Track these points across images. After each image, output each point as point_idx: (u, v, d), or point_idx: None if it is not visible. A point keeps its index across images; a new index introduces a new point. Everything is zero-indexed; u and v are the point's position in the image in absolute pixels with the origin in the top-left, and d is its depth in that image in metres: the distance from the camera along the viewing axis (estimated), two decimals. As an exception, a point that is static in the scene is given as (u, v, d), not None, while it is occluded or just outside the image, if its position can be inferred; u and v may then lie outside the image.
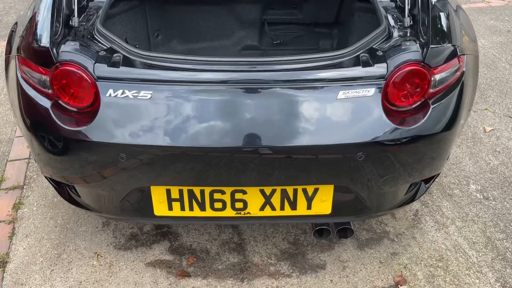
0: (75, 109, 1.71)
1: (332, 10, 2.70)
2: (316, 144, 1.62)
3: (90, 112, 1.68)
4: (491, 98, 3.53)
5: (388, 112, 1.68)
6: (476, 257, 2.28)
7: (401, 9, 1.97)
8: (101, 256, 2.29)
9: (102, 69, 1.65)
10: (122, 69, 1.65)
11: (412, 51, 1.68)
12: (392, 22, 1.92)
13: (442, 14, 1.86)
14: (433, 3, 1.86)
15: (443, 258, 2.28)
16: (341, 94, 1.63)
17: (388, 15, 1.96)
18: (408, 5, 1.86)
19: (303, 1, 2.70)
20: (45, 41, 1.68)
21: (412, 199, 2.05)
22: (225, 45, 2.81)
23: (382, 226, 2.45)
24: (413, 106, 1.72)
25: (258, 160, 1.65)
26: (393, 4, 2.04)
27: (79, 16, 1.90)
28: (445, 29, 1.81)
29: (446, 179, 2.76)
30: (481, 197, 2.64)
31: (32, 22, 1.85)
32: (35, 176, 2.79)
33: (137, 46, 2.40)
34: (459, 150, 3.00)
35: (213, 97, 1.64)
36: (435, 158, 1.84)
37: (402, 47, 1.69)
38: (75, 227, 2.45)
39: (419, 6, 1.82)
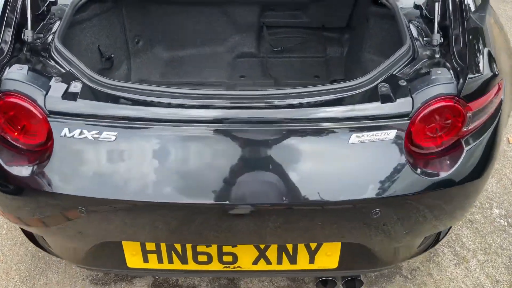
0: (25, 147, 1.39)
1: (344, 13, 2.31)
2: (321, 200, 1.30)
3: (43, 151, 1.36)
4: (515, 102, 3.18)
5: (411, 156, 1.36)
6: (500, 300, 2.01)
7: (427, 19, 1.61)
8: (75, 294, 2.03)
9: (55, 102, 1.32)
10: (80, 102, 1.32)
11: (445, 83, 1.33)
12: (415, 34, 1.57)
13: (479, 29, 1.51)
14: (468, 14, 1.51)
15: (463, 301, 2.01)
16: (354, 138, 1.30)
17: (411, 26, 1.61)
18: (437, 17, 1.49)
19: (309, 3, 2.31)
20: None
21: (435, 243, 1.76)
22: (217, 52, 2.43)
23: (394, 260, 2.17)
24: (443, 147, 1.40)
25: (251, 220, 1.34)
26: (417, 12, 1.66)
27: (36, 25, 1.56)
28: (483, 50, 1.45)
29: (466, 202, 2.45)
30: (505, 224, 2.34)
31: None
32: (6, 192, 2.50)
33: (112, 56, 2.05)
34: (481, 166, 2.68)
35: (192, 141, 1.32)
36: (466, 205, 1.53)
37: (432, 77, 1.34)
38: (47, 255, 2.17)
39: (451, 17, 1.46)
